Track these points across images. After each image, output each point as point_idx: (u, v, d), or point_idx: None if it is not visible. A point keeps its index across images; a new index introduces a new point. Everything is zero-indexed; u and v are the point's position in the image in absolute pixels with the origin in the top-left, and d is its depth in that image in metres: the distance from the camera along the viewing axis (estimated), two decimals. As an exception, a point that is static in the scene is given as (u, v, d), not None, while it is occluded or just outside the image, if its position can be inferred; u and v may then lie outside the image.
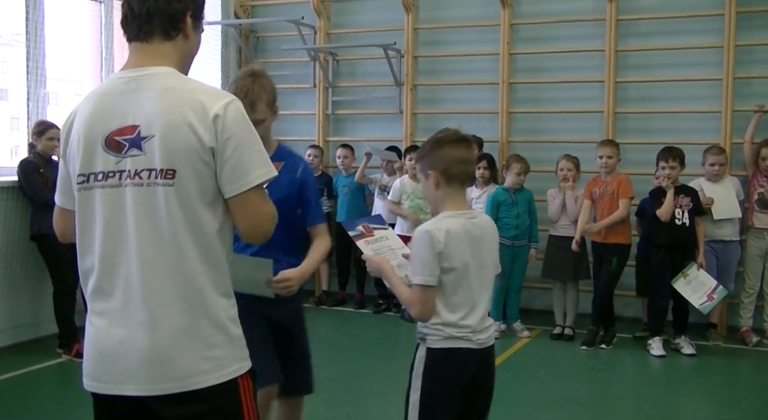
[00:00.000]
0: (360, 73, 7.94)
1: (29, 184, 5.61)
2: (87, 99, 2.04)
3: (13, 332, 5.81)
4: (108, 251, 1.95)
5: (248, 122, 1.99)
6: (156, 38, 2.01)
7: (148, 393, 1.92)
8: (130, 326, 1.93)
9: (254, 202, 1.99)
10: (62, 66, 6.91)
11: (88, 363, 2.00)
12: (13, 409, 4.72)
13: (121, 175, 1.93)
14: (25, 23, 6.20)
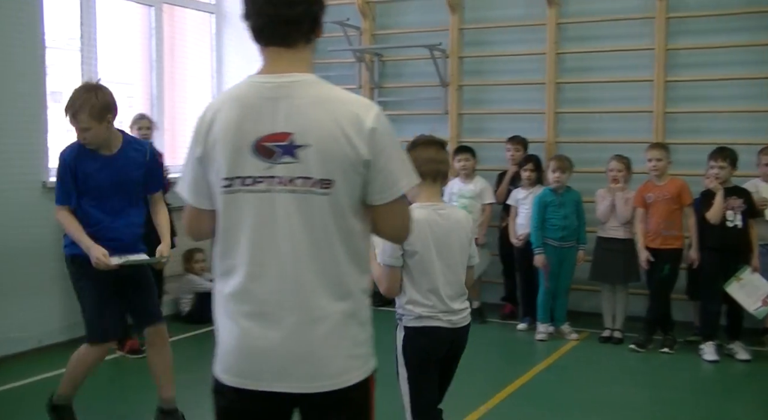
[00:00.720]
0: (405, 74, 7.95)
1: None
2: (226, 102, 2.04)
3: (69, 330, 5.94)
4: (258, 254, 1.99)
5: (393, 131, 2.04)
6: (300, 43, 2.03)
7: (303, 390, 2.00)
8: (284, 327, 1.98)
9: (400, 209, 2.09)
10: (113, 69, 7.05)
11: (231, 361, 2.05)
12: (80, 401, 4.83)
13: (272, 181, 1.96)
14: (80, 28, 6.35)
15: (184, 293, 6.83)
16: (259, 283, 1.99)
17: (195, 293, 6.81)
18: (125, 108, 7.49)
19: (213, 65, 7.90)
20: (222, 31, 7.90)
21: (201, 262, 6.92)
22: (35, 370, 5.28)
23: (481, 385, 5.17)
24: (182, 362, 5.91)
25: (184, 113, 7.70)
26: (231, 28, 7.88)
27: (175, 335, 6.32)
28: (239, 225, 2.00)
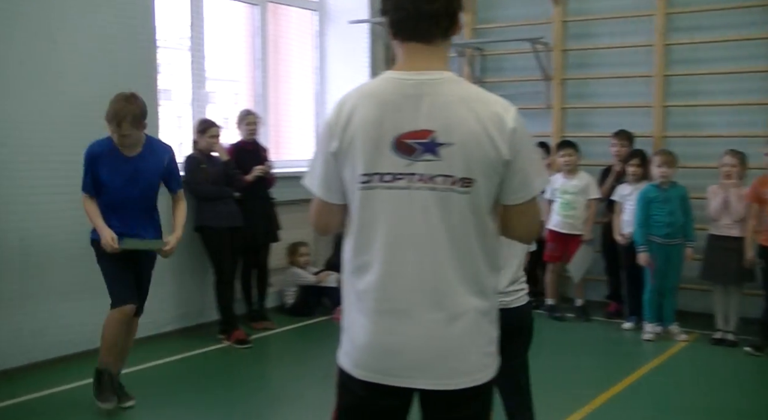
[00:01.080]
0: (507, 68, 7.87)
1: (192, 179, 5.92)
2: (365, 97, 2.03)
3: (180, 318, 6.18)
4: (395, 251, 1.99)
5: (528, 132, 2.03)
6: (437, 39, 2.02)
7: (441, 387, 2.00)
8: (422, 323, 1.99)
9: (534, 209, 2.08)
10: (220, 67, 7.25)
11: (364, 356, 2.05)
12: (178, 387, 5.03)
13: (411, 178, 1.96)
14: (189, 28, 6.56)
15: (288, 286, 6.97)
16: (396, 279, 2.00)
17: (299, 286, 6.93)
18: (231, 105, 7.73)
19: (316, 62, 8.01)
20: (325, 29, 8.00)
21: (305, 255, 7.04)
22: (152, 356, 5.49)
23: (584, 385, 5.07)
24: (287, 354, 6.08)
25: (288, 110, 7.85)
26: (334, 25, 7.98)
27: (280, 327, 6.49)
28: (376, 221, 2.01)
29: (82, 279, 5.25)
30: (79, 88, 5.33)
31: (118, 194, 4.45)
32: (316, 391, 4.73)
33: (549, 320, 6.72)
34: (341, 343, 2.15)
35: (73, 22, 5.36)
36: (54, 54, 5.24)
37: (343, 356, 2.13)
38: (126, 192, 4.45)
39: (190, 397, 4.85)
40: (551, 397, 4.85)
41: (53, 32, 5.23)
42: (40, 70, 5.14)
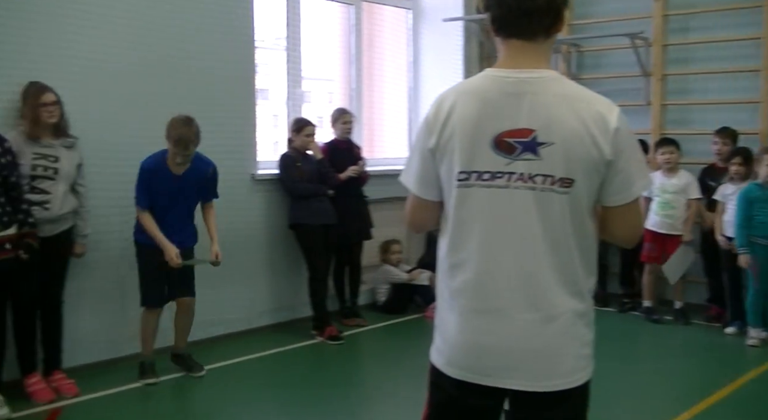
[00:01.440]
0: (604, 64, 7.69)
1: (287, 177, 6.04)
2: (464, 95, 2.02)
3: (274, 313, 6.31)
4: (491, 250, 1.98)
5: (632, 132, 2.00)
6: (539, 36, 1.99)
7: (534, 388, 1.98)
8: (517, 323, 1.97)
9: (635, 211, 2.04)
10: (315, 66, 7.36)
11: (457, 354, 2.04)
12: (270, 382, 5.14)
13: (510, 177, 1.94)
14: (286, 28, 6.69)
15: (380, 283, 7.01)
16: (492, 278, 1.98)
17: (391, 284, 6.97)
18: (326, 103, 7.84)
19: (409, 60, 8.04)
20: (419, 27, 8.02)
21: (397, 253, 7.08)
22: (245, 351, 5.64)
23: (683, 391, 4.93)
24: (378, 351, 6.12)
25: (381, 108, 7.90)
26: (427, 23, 7.98)
27: (372, 324, 6.53)
28: (472, 219, 1.99)
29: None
30: (179, 88, 5.50)
31: (163, 208, 4.88)
32: (408, 388, 4.75)
33: (646, 323, 6.55)
34: (434, 340, 2.15)
35: (176, 23, 5.54)
36: (155, 55, 5.43)
37: (435, 353, 2.12)
38: (170, 206, 4.90)
39: (281, 392, 4.95)
40: (647, 403, 4.73)
41: (155, 34, 5.42)
42: (141, 72, 5.33)
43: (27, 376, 4.58)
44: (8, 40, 4.64)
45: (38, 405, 4.46)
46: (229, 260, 5.87)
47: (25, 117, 4.54)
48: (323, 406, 4.61)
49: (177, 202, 4.94)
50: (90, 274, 5.11)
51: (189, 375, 5.09)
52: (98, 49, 5.09)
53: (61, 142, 4.64)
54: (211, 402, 4.69)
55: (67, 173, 4.64)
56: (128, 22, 5.26)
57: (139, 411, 4.58)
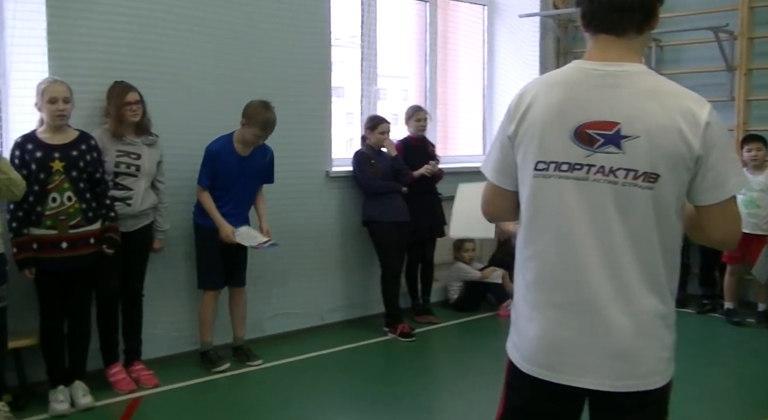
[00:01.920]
0: (685, 59, 7.47)
1: (361, 174, 6.07)
2: (548, 85, 2.00)
3: (347, 310, 6.35)
4: (567, 243, 1.94)
5: (725, 129, 1.95)
6: (630, 32, 1.95)
7: (611, 388, 1.93)
8: (594, 320, 1.92)
9: (731, 211, 1.96)
10: (390, 64, 7.38)
11: (532, 350, 2.01)
12: (342, 377, 5.18)
13: (590, 169, 1.91)
14: (360, 26, 6.73)
15: (453, 281, 6.99)
16: (569, 272, 1.94)
17: (463, 281, 6.94)
18: (400, 101, 7.85)
19: (484, 57, 7.98)
20: (494, 23, 7.95)
21: (470, 251, 7.04)
22: (317, 346, 5.69)
23: (763, 396, 4.76)
24: (450, 349, 6.11)
25: (456, 105, 7.87)
26: (502, 19, 7.91)
27: (444, 322, 6.52)
28: (548, 211, 1.96)
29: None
30: (257, 87, 5.58)
31: (224, 189, 5.06)
32: (479, 387, 4.72)
33: (726, 325, 6.35)
34: (510, 334, 2.13)
35: (255, 23, 5.63)
36: (233, 55, 5.53)
37: (511, 347, 2.10)
38: (231, 187, 5.08)
39: (352, 387, 4.98)
40: (726, 408, 4.59)
41: (234, 34, 5.52)
42: (219, 72, 5.43)
43: (109, 366, 4.74)
44: (94, 40, 4.80)
45: (119, 394, 4.60)
46: (302, 256, 5.96)
47: (110, 115, 4.68)
48: (394, 403, 4.62)
49: (238, 183, 5.10)
50: (168, 269, 5.24)
51: (246, 364, 5.22)
52: (179, 49, 5.21)
53: (143, 139, 4.78)
54: (281, 395, 4.76)
55: (148, 170, 4.77)
56: (209, 22, 5.36)
57: (212, 402, 4.68)
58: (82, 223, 4.32)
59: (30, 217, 4.23)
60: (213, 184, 5.07)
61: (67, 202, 4.26)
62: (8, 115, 4.75)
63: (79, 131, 4.44)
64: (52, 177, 4.25)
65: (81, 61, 4.72)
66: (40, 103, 4.31)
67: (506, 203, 2.11)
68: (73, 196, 4.28)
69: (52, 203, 4.24)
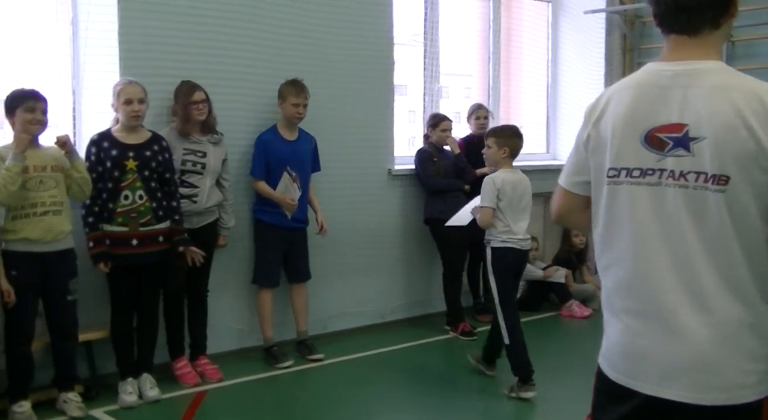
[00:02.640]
0: (758, 55, 7.25)
1: (423, 172, 6.07)
2: (620, 91, 1.96)
3: (408, 308, 6.36)
4: (643, 250, 1.89)
5: None
6: (704, 30, 1.89)
7: (692, 400, 1.83)
8: (671, 328, 1.86)
9: None
10: (453, 62, 7.35)
11: (615, 357, 1.97)
12: (403, 375, 5.19)
13: (662, 174, 1.85)
14: (423, 24, 6.72)
15: (515, 280, 6.93)
16: (644, 280, 1.88)
17: (526, 281, 6.87)
18: (462, 99, 7.82)
19: (548, 54, 7.89)
20: (558, 20, 7.85)
21: (533, 250, 6.95)
22: (379, 343, 5.71)
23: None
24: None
25: (519, 103, 7.80)
26: (568, 16, 7.81)
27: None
28: (622, 217, 1.92)
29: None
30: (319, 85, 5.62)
31: (280, 172, 5.11)
32: (542, 388, 4.67)
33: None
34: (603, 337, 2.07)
35: (317, 21, 5.67)
36: (296, 54, 5.58)
37: (601, 355, 2.04)
38: (289, 166, 5.15)
39: (413, 385, 4.98)
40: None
41: (297, 32, 5.57)
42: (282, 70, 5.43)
43: (175, 360, 4.85)
44: (162, 41, 4.90)
45: (185, 387, 4.70)
46: (364, 254, 5.98)
47: (177, 114, 4.78)
48: (454, 401, 4.61)
49: (292, 167, 5.15)
50: (232, 264, 5.33)
51: (308, 358, 5.28)
52: (244, 48, 5.29)
53: (208, 138, 4.87)
54: (343, 392, 4.79)
55: (213, 168, 4.86)
56: (273, 21, 5.42)
57: (275, 397, 4.75)
58: (152, 222, 4.42)
59: (103, 213, 4.36)
60: (266, 174, 5.16)
61: (138, 201, 4.38)
62: (81, 114, 4.90)
63: (152, 132, 4.56)
64: (125, 175, 4.37)
65: (149, 61, 4.83)
66: (116, 104, 4.44)
67: (578, 208, 2.09)
68: (144, 195, 4.39)
69: (124, 201, 4.36)
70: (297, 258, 5.31)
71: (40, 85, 4.21)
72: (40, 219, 4.07)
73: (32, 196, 4.05)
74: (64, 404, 4.24)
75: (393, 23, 6.16)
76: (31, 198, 4.05)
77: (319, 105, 5.60)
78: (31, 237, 4.04)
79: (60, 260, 4.17)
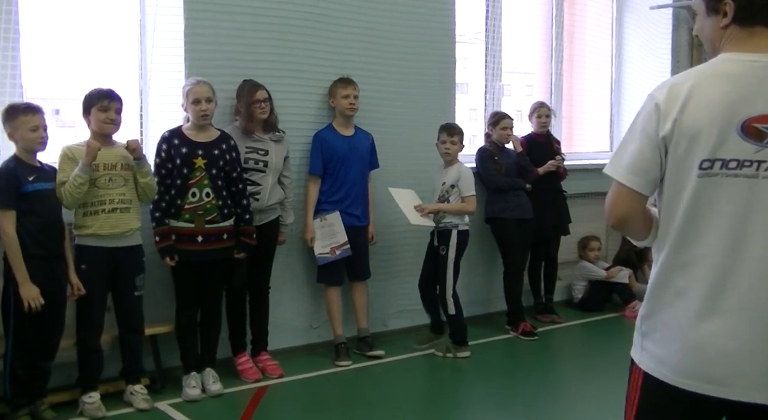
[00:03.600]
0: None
1: (484, 171, 6.03)
2: (706, 78, 1.89)
3: (468, 307, 6.28)
4: (735, 245, 1.83)
5: None
6: None
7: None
8: (759, 330, 1.81)
9: None
10: (515, 59, 7.29)
11: (692, 362, 1.87)
12: (463, 374, 5.19)
13: (759, 165, 1.81)
14: (485, 21, 6.68)
15: (577, 280, 6.85)
16: (735, 276, 1.82)
17: (588, 281, 6.79)
18: (524, 97, 7.74)
19: (612, 51, 7.75)
20: (623, 16, 7.71)
21: (596, 250, 6.87)
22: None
23: None
24: (573, 349, 5.99)
25: (582, 101, 7.69)
26: (633, 12, 7.66)
27: (567, 321, 6.39)
28: (712, 212, 1.84)
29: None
30: (381, 84, 5.65)
31: (338, 170, 5.20)
32: (603, 390, 4.61)
33: None
34: (643, 346, 1.98)
35: (378, 19, 5.69)
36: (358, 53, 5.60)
37: (649, 359, 1.95)
38: (343, 166, 5.22)
39: (472, 384, 4.99)
40: None
41: (361, 31, 5.60)
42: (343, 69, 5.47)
43: (237, 355, 4.92)
44: (223, 40, 4.98)
45: (246, 383, 4.76)
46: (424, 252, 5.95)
47: (240, 113, 4.86)
48: (514, 401, 4.59)
49: (346, 165, 5.22)
50: (292, 261, 5.38)
51: (367, 354, 5.30)
52: (304, 47, 5.33)
53: (270, 136, 4.92)
54: (402, 390, 4.80)
55: (275, 166, 4.92)
56: (333, 20, 5.45)
57: (335, 394, 4.78)
58: (218, 219, 4.50)
59: (170, 209, 4.46)
60: (324, 171, 5.21)
61: (205, 198, 4.46)
62: (148, 114, 5.01)
63: (220, 131, 4.65)
64: (193, 173, 4.46)
65: (213, 61, 4.91)
66: (185, 103, 4.55)
67: (638, 207, 1.96)
68: (211, 193, 4.47)
69: (192, 198, 4.45)
70: (357, 256, 5.32)
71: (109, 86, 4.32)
72: (108, 216, 4.17)
73: (101, 193, 4.16)
74: (130, 396, 4.34)
75: (455, 21, 6.14)
76: (100, 195, 4.16)
77: (379, 103, 5.62)
78: (100, 233, 4.16)
79: (128, 256, 4.27)
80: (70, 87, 4.88)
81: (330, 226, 5.20)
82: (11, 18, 4.44)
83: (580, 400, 4.69)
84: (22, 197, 3.89)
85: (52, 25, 4.80)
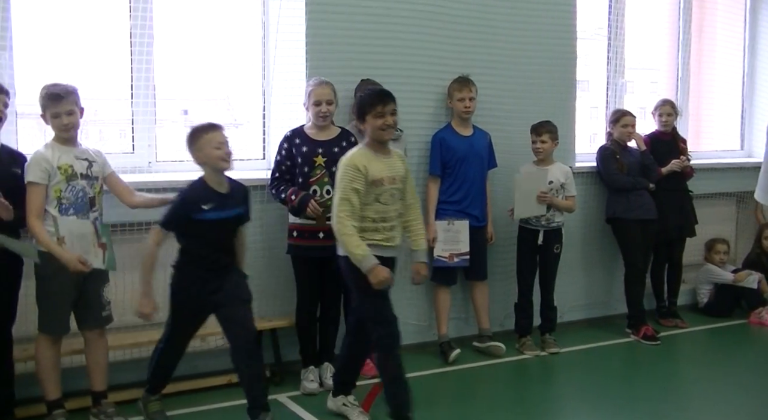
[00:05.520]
0: None
1: (605, 170, 5.90)
2: None
3: (587, 308, 6.21)
4: None
5: None
6: None
7: None
8: None
9: None
10: (639, 55, 7.08)
11: None
12: (582, 376, 5.09)
13: None
14: (608, 17, 6.52)
15: (703, 284, 6.60)
16: None
17: (714, 285, 6.53)
18: (648, 94, 7.50)
19: (745, 46, 7.39)
20: (758, 8, 7.34)
21: (722, 253, 6.59)
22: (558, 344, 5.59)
23: None
24: (697, 355, 5.79)
25: (711, 97, 7.38)
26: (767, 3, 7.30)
27: (691, 326, 6.19)
28: None
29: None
30: (500, 82, 5.63)
31: (457, 170, 5.22)
32: (730, 399, 4.42)
33: None
34: None
35: (497, 17, 5.65)
36: (476, 51, 5.57)
37: None
38: (461, 169, 5.22)
39: (590, 388, 4.86)
40: None
41: (478, 29, 5.57)
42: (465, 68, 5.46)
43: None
44: (343, 40, 5.07)
45: (363, 378, 4.81)
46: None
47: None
48: (633, 407, 4.45)
49: (465, 164, 5.22)
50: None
51: (490, 347, 5.35)
52: (421, 46, 5.35)
53: (389, 134, 4.96)
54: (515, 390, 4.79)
55: (393, 165, 4.95)
56: (450, 18, 5.46)
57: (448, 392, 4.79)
58: (338, 216, 4.59)
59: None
60: (443, 172, 5.23)
61: (325, 195, 4.55)
62: (270, 113, 5.16)
63: (341, 128, 4.74)
64: (314, 171, 4.57)
65: (333, 61, 5.01)
66: (307, 103, 4.67)
67: None
68: (332, 190, 4.54)
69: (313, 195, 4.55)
70: (476, 256, 5.29)
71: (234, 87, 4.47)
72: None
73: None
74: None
75: (576, 17, 6.02)
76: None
77: (498, 101, 5.59)
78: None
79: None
80: (199, 88, 5.13)
81: (456, 233, 5.21)
82: (146, 24, 4.68)
83: (704, 411, 4.51)
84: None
85: (182, 29, 5.02)
